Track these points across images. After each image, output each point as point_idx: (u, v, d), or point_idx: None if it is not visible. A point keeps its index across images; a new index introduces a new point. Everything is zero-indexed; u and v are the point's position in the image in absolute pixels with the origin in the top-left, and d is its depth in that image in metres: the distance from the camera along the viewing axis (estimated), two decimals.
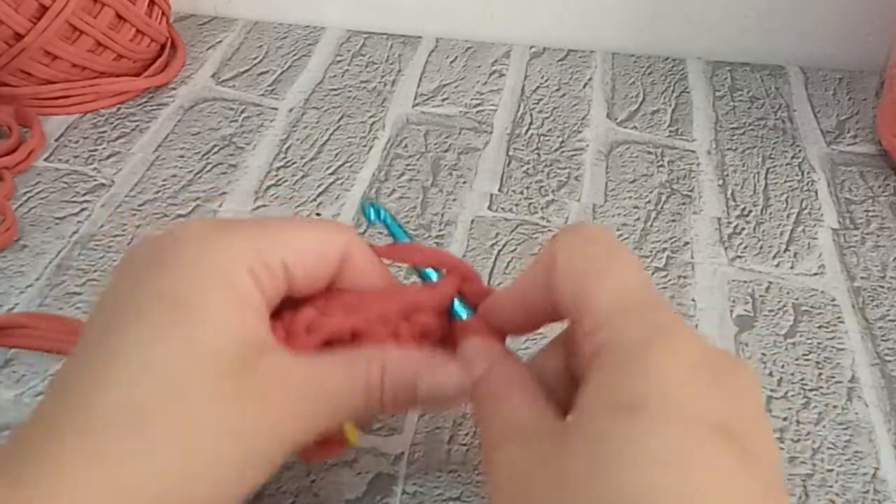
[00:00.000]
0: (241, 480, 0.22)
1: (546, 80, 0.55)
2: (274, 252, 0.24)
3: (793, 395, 0.35)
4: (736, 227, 0.44)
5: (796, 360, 0.36)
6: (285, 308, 0.25)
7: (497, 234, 0.43)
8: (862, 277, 0.41)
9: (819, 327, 0.38)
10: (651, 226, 0.43)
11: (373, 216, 0.29)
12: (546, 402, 0.23)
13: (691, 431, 0.19)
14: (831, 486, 0.31)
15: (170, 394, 0.21)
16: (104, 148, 0.48)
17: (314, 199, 0.45)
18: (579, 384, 0.22)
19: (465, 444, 0.32)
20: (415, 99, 0.53)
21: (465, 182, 0.46)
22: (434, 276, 0.28)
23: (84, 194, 0.45)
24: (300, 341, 0.25)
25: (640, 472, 0.18)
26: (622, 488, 0.18)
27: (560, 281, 0.24)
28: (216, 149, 0.48)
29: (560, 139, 0.50)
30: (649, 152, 0.49)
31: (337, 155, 0.48)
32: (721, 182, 0.47)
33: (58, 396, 0.22)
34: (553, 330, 0.26)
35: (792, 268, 0.41)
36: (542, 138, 0.50)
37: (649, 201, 0.45)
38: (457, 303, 0.28)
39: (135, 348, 0.22)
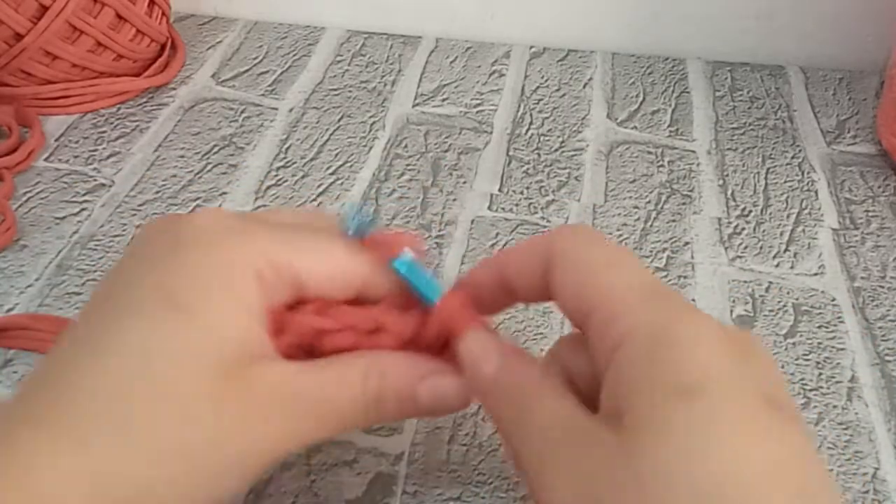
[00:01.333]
0: (215, 489, 0.22)
1: (546, 80, 0.55)
2: (290, 265, 0.24)
3: (793, 395, 0.35)
4: (736, 227, 0.44)
5: (796, 360, 0.36)
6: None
7: (497, 234, 0.43)
8: (862, 277, 0.41)
9: (819, 327, 0.38)
10: (651, 226, 0.43)
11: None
12: (574, 397, 0.23)
13: (748, 405, 0.20)
14: None
15: (158, 393, 0.21)
16: (104, 148, 0.48)
17: (314, 199, 0.45)
18: (600, 377, 0.22)
19: (465, 444, 0.32)
20: (415, 99, 0.53)
21: (465, 182, 0.46)
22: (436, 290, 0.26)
23: (84, 194, 0.45)
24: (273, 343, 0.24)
25: (720, 452, 0.19)
26: (708, 471, 0.18)
27: (563, 272, 0.23)
28: (216, 149, 0.48)
29: (560, 139, 0.50)
30: (649, 152, 0.49)
31: (337, 155, 0.48)
32: (721, 182, 0.47)
33: (43, 383, 0.21)
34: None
35: (792, 268, 0.41)
36: (542, 138, 0.50)
37: (649, 201, 0.45)
38: (425, 281, 0.26)
39: (129, 343, 0.21)
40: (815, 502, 0.19)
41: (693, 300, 0.39)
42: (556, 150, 0.49)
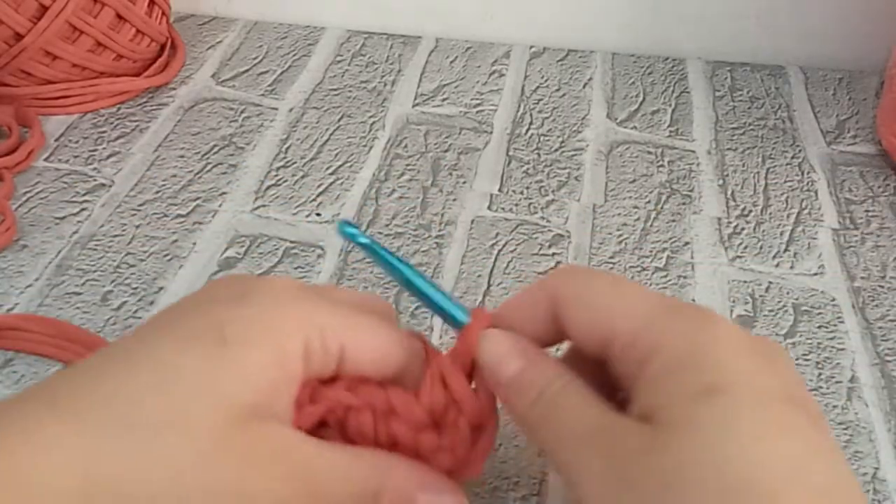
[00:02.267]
0: None
1: (546, 80, 0.55)
2: (340, 344, 0.24)
3: None
4: (736, 227, 0.44)
5: (796, 359, 0.36)
6: None
7: (497, 234, 0.43)
8: (862, 277, 0.41)
9: (819, 327, 0.38)
10: (651, 226, 0.43)
11: (361, 238, 0.27)
12: (597, 395, 0.23)
13: (772, 402, 0.21)
14: None
15: (172, 413, 0.21)
16: (104, 148, 0.48)
17: (314, 199, 0.45)
18: (627, 396, 0.23)
19: None
20: (415, 99, 0.53)
21: (465, 182, 0.46)
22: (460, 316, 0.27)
23: (84, 194, 0.45)
24: (305, 411, 0.24)
25: (744, 446, 0.19)
26: (732, 464, 0.19)
27: (576, 311, 0.24)
28: (216, 149, 0.48)
29: (560, 139, 0.50)
30: (649, 152, 0.49)
31: (337, 155, 0.48)
32: (721, 182, 0.47)
33: (72, 375, 0.22)
34: None
35: (792, 268, 0.41)
36: (542, 138, 0.50)
37: (649, 201, 0.45)
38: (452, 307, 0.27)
39: (163, 360, 0.22)
40: (836, 499, 0.19)
41: (693, 300, 0.39)
42: (556, 150, 0.49)
